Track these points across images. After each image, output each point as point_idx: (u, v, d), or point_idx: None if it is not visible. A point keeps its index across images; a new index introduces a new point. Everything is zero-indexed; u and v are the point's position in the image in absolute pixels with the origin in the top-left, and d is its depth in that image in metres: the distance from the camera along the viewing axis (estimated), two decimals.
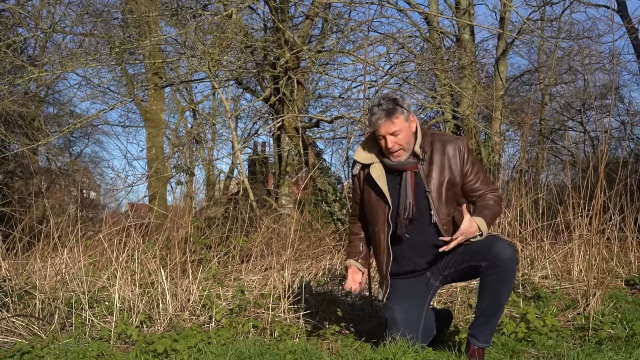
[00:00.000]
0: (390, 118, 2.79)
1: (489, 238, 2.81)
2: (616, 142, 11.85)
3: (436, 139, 2.93)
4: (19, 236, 4.79)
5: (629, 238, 5.31)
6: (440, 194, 2.85)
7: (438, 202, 2.84)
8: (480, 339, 2.76)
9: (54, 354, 2.95)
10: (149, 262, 4.30)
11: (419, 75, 9.30)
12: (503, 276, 2.68)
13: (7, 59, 6.76)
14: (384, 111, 2.80)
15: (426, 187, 2.85)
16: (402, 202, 2.85)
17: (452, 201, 2.87)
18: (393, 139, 2.82)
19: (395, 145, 2.83)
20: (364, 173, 2.99)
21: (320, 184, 6.95)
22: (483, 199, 2.89)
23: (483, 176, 2.94)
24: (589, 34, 11.60)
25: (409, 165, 2.87)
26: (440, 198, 2.84)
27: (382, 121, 2.80)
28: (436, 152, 2.89)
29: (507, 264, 2.67)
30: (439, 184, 2.85)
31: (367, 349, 2.97)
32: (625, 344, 3.07)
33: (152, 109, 9.35)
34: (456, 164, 2.87)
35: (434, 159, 2.88)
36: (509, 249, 2.71)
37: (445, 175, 2.86)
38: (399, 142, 2.83)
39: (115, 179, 18.49)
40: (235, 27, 6.62)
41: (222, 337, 3.21)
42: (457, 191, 2.90)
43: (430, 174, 2.86)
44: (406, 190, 2.85)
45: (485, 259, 2.71)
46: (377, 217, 2.93)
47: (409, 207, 2.84)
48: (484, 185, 2.91)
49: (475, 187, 2.91)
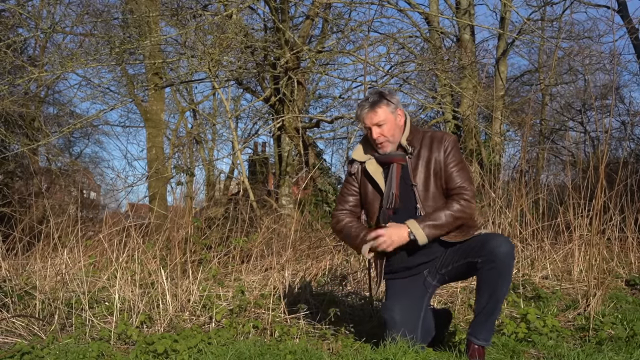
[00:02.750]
0: (373, 108, 2.90)
1: (485, 234, 2.83)
2: (616, 142, 11.88)
3: (426, 135, 2.99)
4: (19, 236, 4.79)
5: (629, 238, 5.31)
6: (426, 188, 2.88)
7: (424, 195, 2.87)
8: (480, 336, 2.76)
9: (53, 354, 2.95)
10: (148, 262, 4.30)
11: (419, 75, 9.31)
12: (500, 271, 2.68)
13: (7, 59, 6.76)
14: (369, 103, 2.92)
15: (412, 181, 2.89)
16: (386, 192, 2.91)
17: (439, 195, 2.89)
18: (377, 130, 2.90)
19: (380, 137, 2.91)
20: (360, 170, 3.04)
21: (320, 184, 6.95)
22: (451, 199, 2.85)
23: (461, 170, 2.89)
24: (589, 34, 11.60)
25: (395, 157, 2.93)
26: (427, 192, 2.88)
27: (365, 111, 2.91)
28: (424, 147, 2.94)
29: (503, 259, 2.67)
30: (425, 178, 2.89)
31: (367, 349, 2.96)
32: (626, 344, 3.06)
33: (152, 109, 9.35)
34: (440, 156, 2.90)
35: (421, 154, 2.93)
36: (504, 244, 2.71)
37: (431, 168, 2.90)
38: (383, 133, 2.91)
39: (115, 179, 18.48)
40: (235, 27, 6.62)
41: (222, 337, 3.20)
42: (443, 184, 2.91)
43: (417, 167, 2.91)
44: (391, 181, 2.90)
45: (481, 254, 2.72)
46: (374, 210, 2.98)
47: (392, 197, 2.88)
48: (458, 177, 2.87)
49: (451, 176, 2.87)
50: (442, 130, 10.75)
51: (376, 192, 2.97)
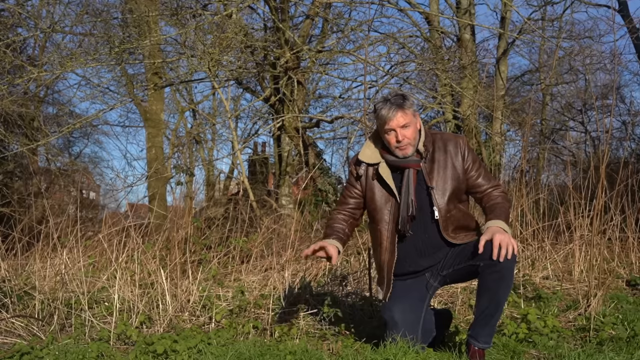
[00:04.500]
0: (402, 109, 2.81)
1: None
2: (617, 142, 11.87)
3: (437, 137, 2.96)
4: (18, 236, 4.78)
5: (629, 238, 5.30)
6: (443, 191, 2.85)
7: (441, 198, 2.84)
8: (480, 339, 2.75)
9: (53, 355, 2.94)
10: (148, 262, 4.29)
11: (419, 75, 9.31)
12: (501, 275, 2.67)
13: (6, 59, 6.75)
14: (394, 105, 2.82)
15: (428, 184, 2.86)
16: (404, 199, 2.85)
17: (454, 199, 2.87)
18: (403, 132, 2.83)
19: (405, 139, 2.84)
20: (367, 172, 2.98)
21: (320, 184, 6.94)
22: (489, 197, 2.88)
23: (484, 172, 2.95)
24: (590, 34, 11.63)
25: (411, 162, 2.88)
26: (443, 195, 2.85)
27: (393, 113, 2.81)
28: (437, 150, 2.91)
29: (505, 263, 2.65)
30: (443, 182, 2.86)
31: (367, 350, 2.96)
32: (626, 345, 3.05)
33: (152, 109, 9.35)
34: (457, 161, 2.89)
35: (436, 157, 2.90)
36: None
37: (448, 172, 2.87)
38: (407, 136, 2.84)
39: (114, 179, 18.48)
40: (235, 26, 6.61)
41: (221, 338, 3.20)
42: (461, 188, 2.89)
43: (432, 171, 2.88)
44: (408, 187, 2.86)
45: (483, 258, 2.70)
46: (382, 216, 2.92)
47: (411, 204, 2.84)
48: (486, 181, 2.91)
49: (477, 182, 2.90)
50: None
51: (386, 197, 2.91)
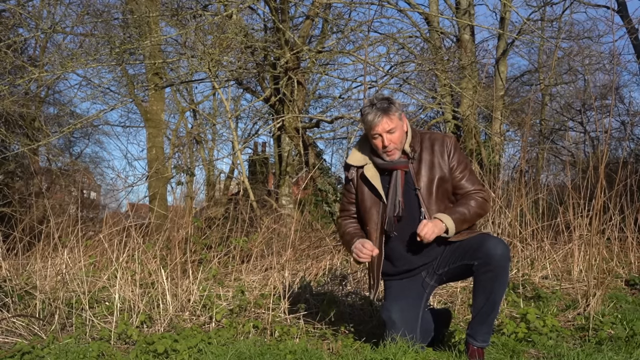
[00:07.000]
0: (387, 114, 2.82)
1: (480, 236, 2.81)
2: (616, 142, 11.87)
3: (425, 137, 2.96)
4: (19, 236, 4.80)
5: (628, 238, 5.32)
6: (430, 192, 2.86)
7: (428, 199, 2.86)
8: (478, 338, 2.76)
9: (54, 354, 2.96)
10: (149, 262, 4.30)
11: (419, 75, 9.32)
12: (496, 274, 2.68)
13: (7, 59, 6.76)
14: (379, 109, 2.83)
15: (415, 185, 2.87)
16: (392, 200, 2.87)
17: (442, 198, 2.89)
18: (389, 137, 2.84)
19: (391, 144, 2.85)
20: (357, 174, 3.01)
21: (320, 184, 6.95)
22: (465, 197, 2.88)
23: (469, 174, 2.93)
24: (589, 34, 11.62)
25: (399, 164, 2.89)
26: (430, 195, 2.86)
27: (378, 119, 2.82)
28: (425, 150, 2.92)
29: (498, 262, 2.67)
30: (429, 181, 2.87)
31: (367, 349, 2.97)
32: (625, 344, 3.07)
33: (152, 109, 9.35)
34: (443, 160, 2.89)
35: (423, 157, 2.90)
36: (500, 246, 2.71)
37: (435, 172, 2.88)
38: (393, 140, 2.85)
39: (115, 179, 18.42)
40: (235, 27, 6.62)
41: (222, 337, 3.21)
42: (448, 188, 2.90)
43: (420, 171, 2.88)
44: (396, 188, 2.87)
45: (476, 257, 2.71)
46: (370, 216, 2.94)
47: (398, 205, 2.85)
48: (469, 184, 2.90)
49: (460, 183, 2.90)
50: (441, 130, 10.77)
51: (374, 198, 2.93)
